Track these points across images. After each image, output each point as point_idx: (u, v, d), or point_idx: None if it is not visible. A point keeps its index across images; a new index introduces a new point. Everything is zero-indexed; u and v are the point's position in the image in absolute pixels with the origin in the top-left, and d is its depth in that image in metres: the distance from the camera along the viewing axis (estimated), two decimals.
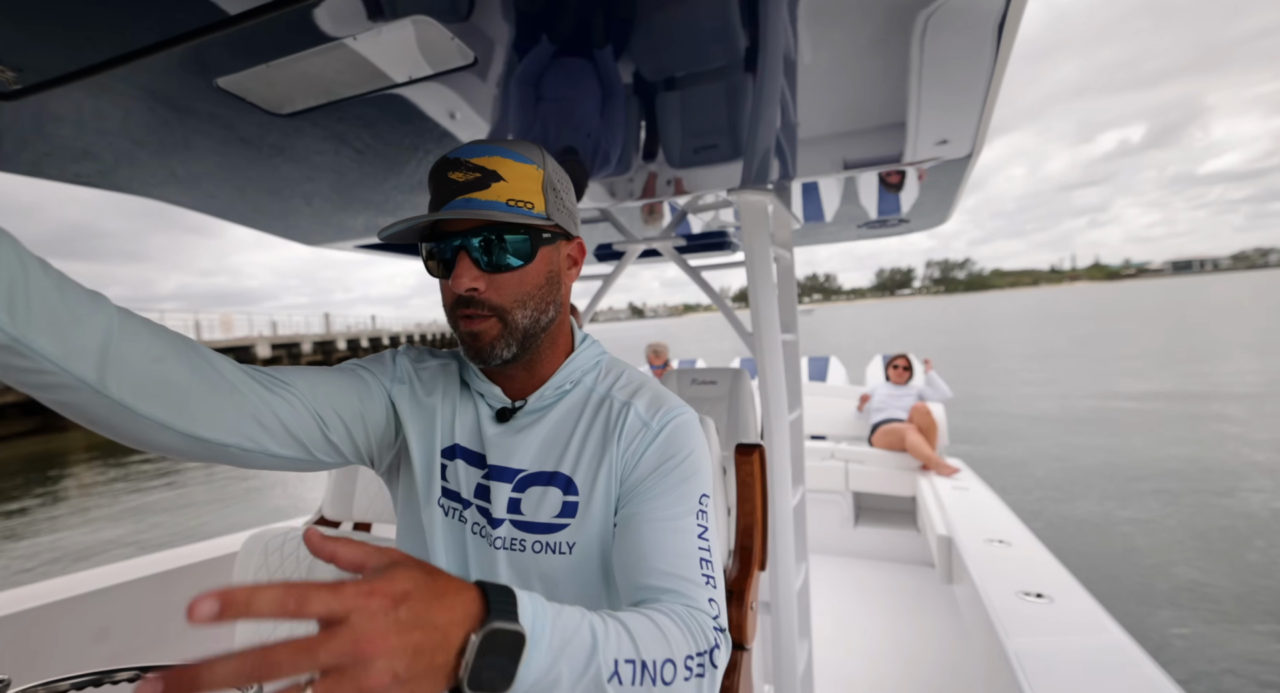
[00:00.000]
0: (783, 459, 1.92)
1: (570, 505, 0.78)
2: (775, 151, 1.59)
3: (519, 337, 0.77)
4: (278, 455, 0.70)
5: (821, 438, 5.35)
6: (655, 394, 0.85)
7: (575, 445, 0.81)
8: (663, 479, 0.77)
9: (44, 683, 0.95)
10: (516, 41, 1.04)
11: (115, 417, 0.56)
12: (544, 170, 0.79)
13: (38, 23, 0.91)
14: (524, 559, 0.78)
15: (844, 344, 35.26)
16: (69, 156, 1.38)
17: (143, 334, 0.57)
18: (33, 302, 0.48)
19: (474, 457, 0.83)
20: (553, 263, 0.81)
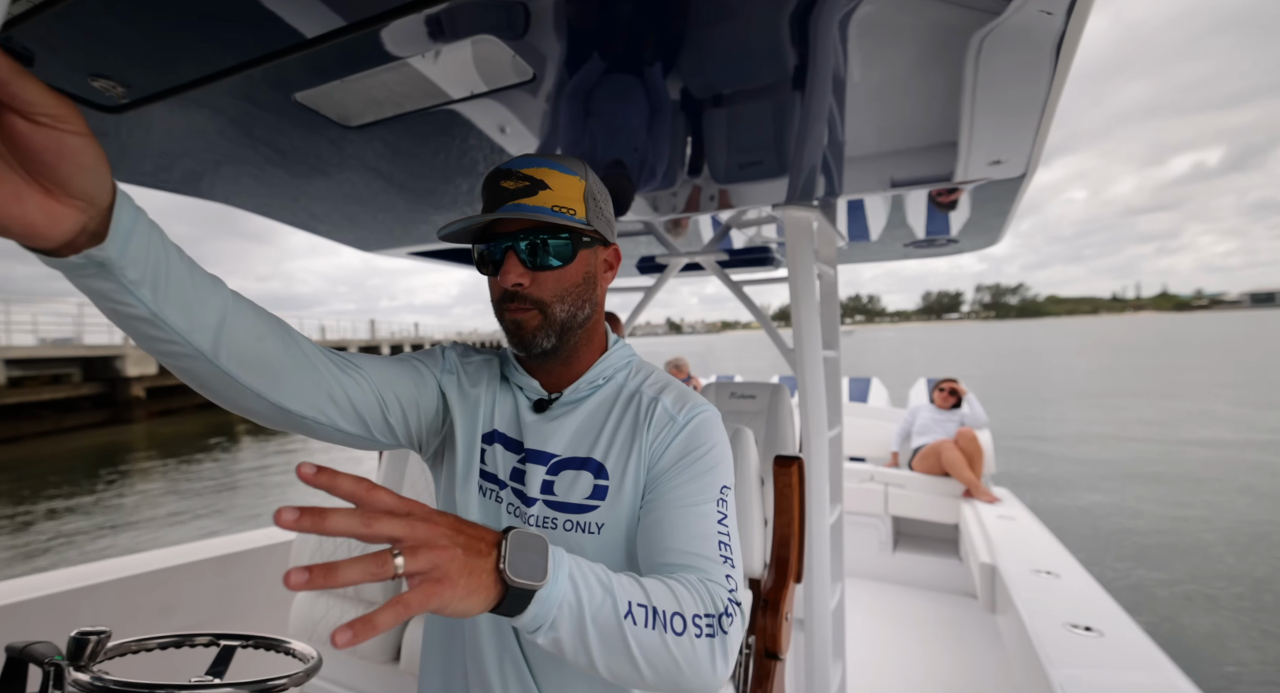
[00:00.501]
0: (821, 476, 1.91)
1: (601, 489, 0.85)
2: (821, 168, 1.60)
3: (557, 328, 0.85)
4: (344, 431, 0.79)
5: (860, 460, 5.25)
6: (681, 392, 0.92)
7: (607, 435, 0.88)
8: (686, 469, 0.83)
9: (137, 639, 1.04)
10: (568, 58, 1.08)
11: (222, 384, 0.65)
12: (586, 182, 0.87)
13: (145, 44, 1.00)
14: (554, 537, 0.84)
15: (886, 366, 34.30)
16: (161, 164, 1.50)
17: (249, 315, 0.66)
18: (170, 284, 0.57)
19: (511, 442, 0.90)
20: (590, 265, 0.89)
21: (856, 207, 2.06)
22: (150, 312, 0.56)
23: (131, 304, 0.55)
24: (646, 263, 2.59)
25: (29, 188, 0.47)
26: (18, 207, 0.46)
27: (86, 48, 1.02)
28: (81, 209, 0.50)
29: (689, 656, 0.66)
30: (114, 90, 1.14)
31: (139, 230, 0.54)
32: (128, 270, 0.53)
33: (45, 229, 0.48)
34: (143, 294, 0.55)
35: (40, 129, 0.44)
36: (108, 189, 0.51)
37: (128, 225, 0.53)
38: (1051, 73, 1.05)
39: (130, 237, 0.53)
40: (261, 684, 0.91)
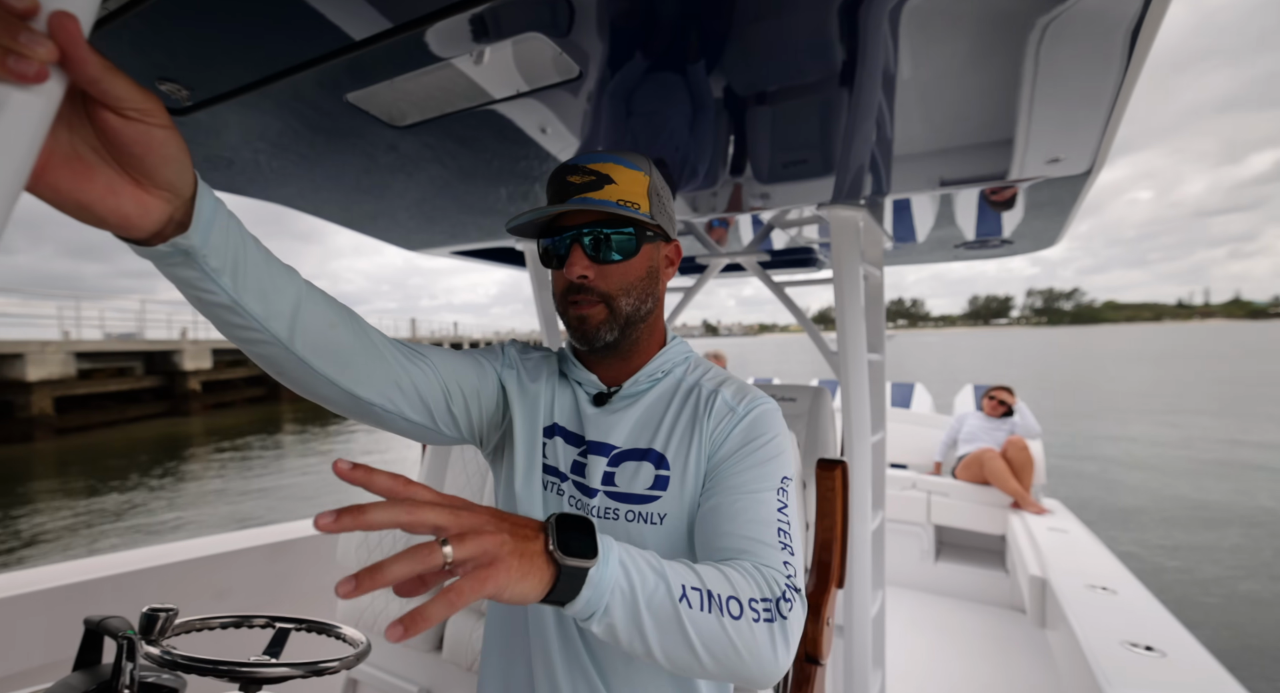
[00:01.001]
0: (863, 481, 1.87)
1: (662, 479, 0.85)
2: (869, 167, 1.56)
3: (621, 322, 0.87)
4: (409, 419, 0.81)
5: (903, 467, 5.13)
6: (741, 385, 0.93)
7: (667, 426, 0.89)
8: (745, 458, 0.83)
9: (201, 618, 1.09)
10: (612, 56, 1.08)
11: (298, 370, 0.68)
12: (650, 177, 0.89)
13: (208, 48, 1.04)
14: (616, 528, 0.85)
15: (930, 372, 33.36)
16: (220, 165, 1.56)
17: (321, 303, 0.69)
18: (249, 271, 0.60)
19: (572, 436, 0.92)
20: (653, 259, 0.91)
21: (903, 207, 2.01)
22: (231, 299, 0.59)
23: (214, 292, 0.58)
24: (686, 263, 2.58)
25: (122, 180, 0.49)
26: (113, 199, 0.49)
27: (155, 52, 1.06)
28: (168, 200, 0.52)
29: (748, 640, 0.64)
30: (179, 93, 1.19)
31: (219, 220, 0.57)
32: (210, 258, 0.56)
33: (138, 219, 0.51)
34: (224, 282, 0.58)
35: (130, 123, 0.46)
36: (190, 180, 0.53)
37: (208, 215, 0.55)
38: (1124, 63, 0.99)
39: (211, 226, 0.56)
40: (314, 666, 0.94)
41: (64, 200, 0.47)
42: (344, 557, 1.65)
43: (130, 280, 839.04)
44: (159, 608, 0.97)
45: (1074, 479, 9.88)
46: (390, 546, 1.60)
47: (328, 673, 0.96)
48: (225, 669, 0.87)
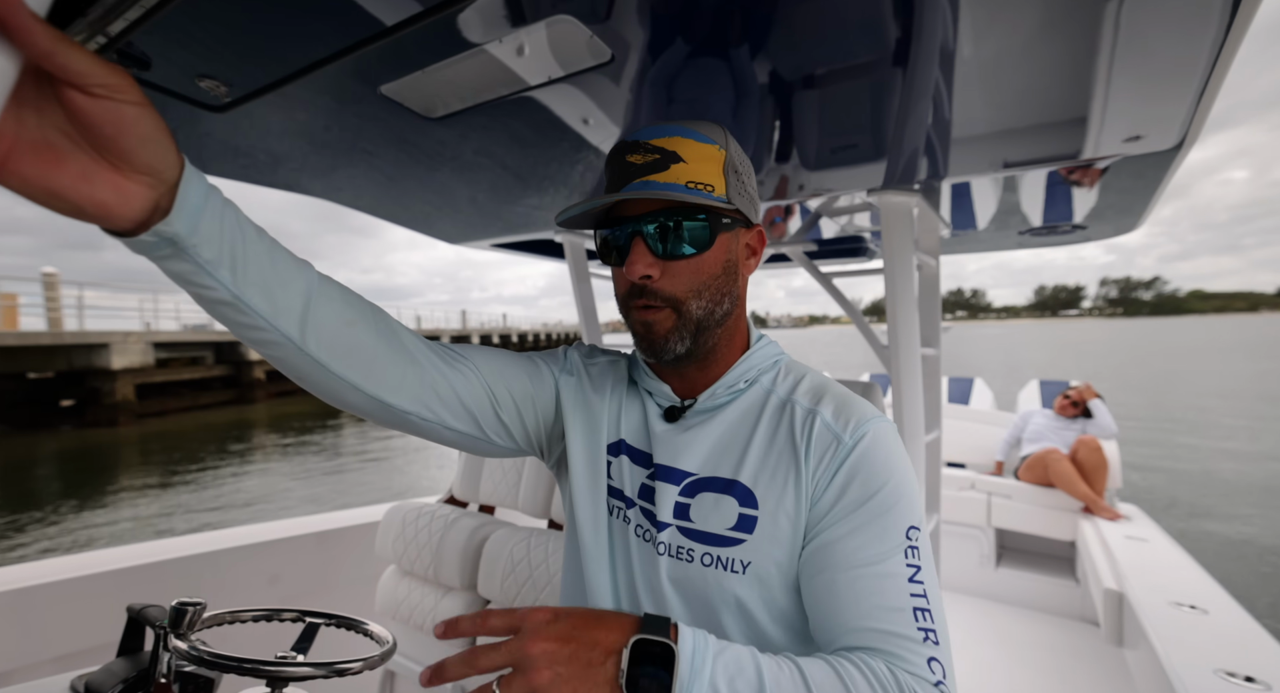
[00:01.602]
0: None
1: (748, 520, 0.71)
2: (924, 150, 1.47)
3: (693, 329, 0.74)
4: (453, 429, 0.73)
5: (960, 466, 4.91)
6: (842, 400, 0.76)
7: (756, 453, 0.74)
8: (859, 509, 0.67)
9: (231, 611, 1.10)
10: (651, 40, 1.03)
11: (315, 373, 0.62)
12: (726, 151, 0.75)
13: (242, 42, 1.04)
14: (689, 571, 0.72)
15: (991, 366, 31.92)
16: (264, 161, 1.58)
17: (337, 300, 0.63)
18: (249, 265, 0.55)
19: (639, 455, 0.80)
20: (731, 251, 0.76)
21: (962, 191, 1.88)
22: (232, 294, 0.55)
23: (213, 287, 0.54)
24: None
25: (97, 166, 0.46)
26: (87, 186, 0.46)
27: (192, 49, 1.07)
28: (150, 185, 0.49)
29: None
30: (218, 90, 1.20)
31: (210, 208, 0.53)
32: (202, 250, 0.52)
33: (117, 207, 0.47)
34: (222, 276, 0.54)
35: (97, 101, 0.43)
36: (173, 163, 0.50)
37: (196, 201, 0.51)
38: (1223, 28, 0.87)
39: (201, 213, 0.52)
40: (334, 666, 0.94)
41: (33, 189, 0.43)
42: (381, 548, 1.67)
43: None
44: (187, 602, 0.98)
45: (1155, 491, 8.77)
46: (427, 540, 1.61)
47: (348, 673, 0.95)
48: (249, 667, 0.87)
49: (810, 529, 0.69)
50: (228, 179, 1.66)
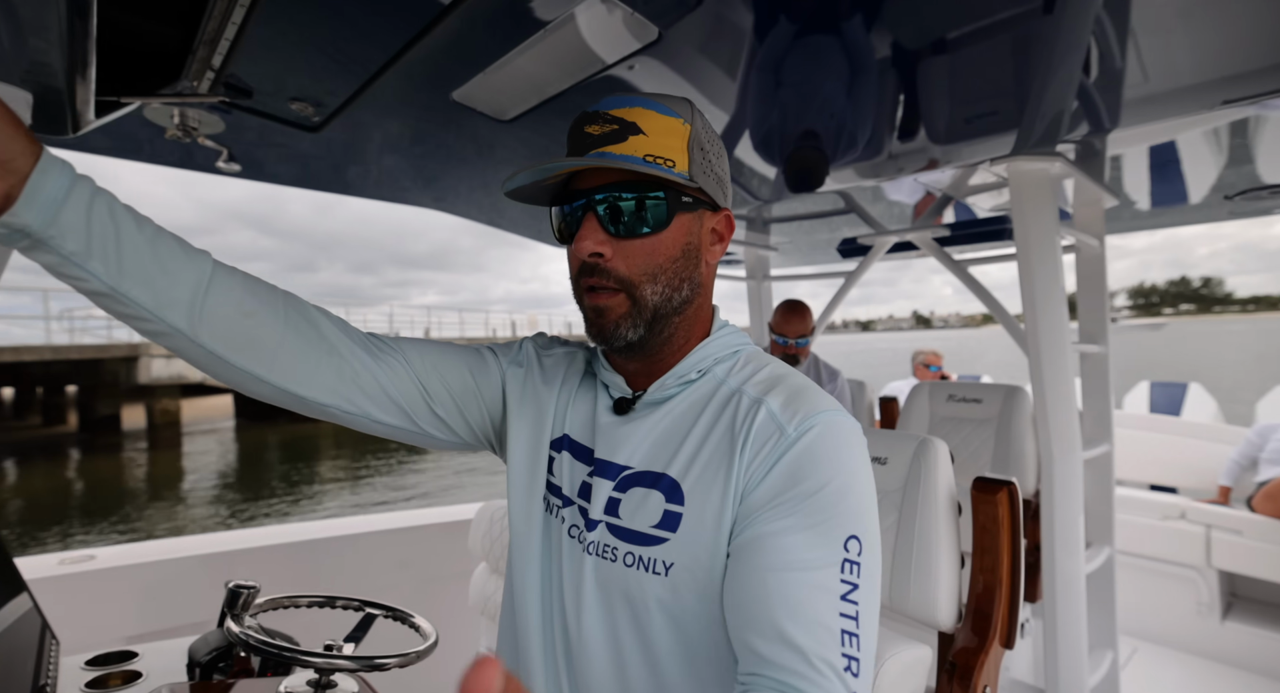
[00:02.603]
0: (1070, 506, 1.48)
1: (672, 516, 0.66)
2: (1084, 105, 1.24)
3: (647, 317, 0.68)
4: (381, 422, 0.72)
5: (1170, 490, 4.10)
6: (796, 390, 0.68)
7: (691, 445, 0.68)
8: (796, 507, 0.60)
9: (288, 596, 1.18)
10: (758, 23, 0.98)
11: (213, 364, 0.62)
12: (691, 126, 0.69)
13: (318, 60, 1.11)
14: (612, 572, 0.67)
15: (1216, 370, 26.67)
16: (363, 176, 1.70)
17: (236, 290, 0.62)
18: (125, 256, 0.55)
19: (581, 450, 0.75)
20: (692, 234, 0.71)
21: (1164, 156, 1.55)
22: (107, 286, 0.54)
23: (83, 278, 0.53)
24: (848, 245, 2.29)
25: None
26: None
27: (279, 74, 1.16)
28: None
29: None
30: (307, 110, 1.30)
31: (74, 199, 0.52)
32: (63, 241, 0.51)
33: None
34: (93, 267, 0.53)
35: None
36: (20, 151, 0.50)
37: (54, 193, 0.51)
38: None
39: (60, 205, 0.51)
40: (370, 661, 0.95)
41: None
42: (473, 545, 1.72)
43: (391, 289, 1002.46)
44: (242, 585, 1.06)
45: None
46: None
47: (385, 668, 0.96)
48: (289, 655, 0.91)
49: (740, 523, 0.63)
50: (335, 193, 1.82)
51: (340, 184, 1.75)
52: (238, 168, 1.55)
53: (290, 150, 1.48)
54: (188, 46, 1.06)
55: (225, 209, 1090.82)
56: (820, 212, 2.14)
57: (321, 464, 13.21)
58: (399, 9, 0.95)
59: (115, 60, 1.04)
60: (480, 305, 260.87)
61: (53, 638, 1.27)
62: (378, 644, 1.11)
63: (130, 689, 1.17)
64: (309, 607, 1.19)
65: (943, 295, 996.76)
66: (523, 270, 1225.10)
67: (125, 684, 1.19)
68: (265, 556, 1.98)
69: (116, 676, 1.21)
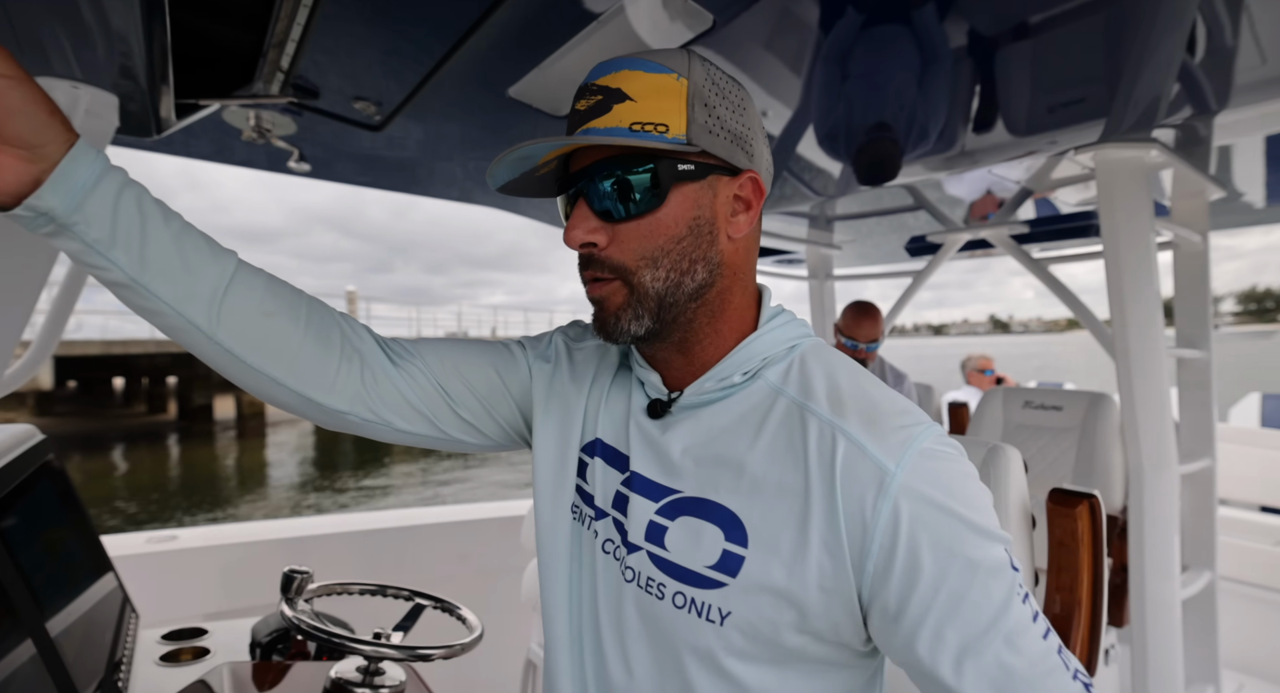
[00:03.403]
0: (1162, 526, 1.35)
1: (733, 559, 0.56)
2: (1186, 86, 1.14)
3: (651, 306, 0.60)
4: (403, 430, 0.68)
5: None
6: (871, 405, 0.58)
7: (752, 474, 0.58)
8: (948, 567, 0.51)
9: (341, 583, 1.21)
10: (822, 13, 0.94)
11: (230, 365, 0.60)
12: (688, 79, 0.59)
13: (377, 56, 1.13)
14: (659, 610, 0.59)
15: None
16: (428, 175, 1.74)
17: (258, 290, 0.60)
18: (149, 248, 0.54)
19: (615, 456, 0.68)
20: (699, 206, 0.60)
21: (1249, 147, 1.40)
22: (128, 276, 0.53)
23: (105, 267, 0.53)
24: (917, 243, 2.17)
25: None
26: None
27: (342, 74, 1.19)
28: (24, 158, 0.48)
29: None
30: (370, 110, 1.33)
31: (103, 188, 0.52)
32: (88, 228, 0.51)
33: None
34: (115, 256, 0.52)
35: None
36: (53, 138, 0.50)
37: (83, 179, 0.51)
38: None
39: (88, 192, 0.51)
40: (415, 650, 0.96)
41: None
42: (526, 540, 1.72)
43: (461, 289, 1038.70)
44: (295, 570, 1.09)
45: None
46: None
47: (430, 659, 0.97)
48: (336, 640, 0.93)
49: (874, 608, 0.54)
50: (399, 192, 1.87)
51: (404, 183, 1.79)
52: (307, 168, 1.61)
53: (355, 150, 1.53)
54: (259, 49, 1.11)
55: (311, 212, 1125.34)
56: (887, 208, 2.04)
57: (393, 456, 13.79)
58: (451, 6, 0.96)
59: (193, 65, 1.09)
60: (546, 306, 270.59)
61: (133, 612, 1.35)
62: (426, 634, 1.12)
63: (198, 664, 1.24)
64: (360, 594, 1.22)
65: (1023, 299, 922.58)
66: None
67: (195, 659, 1.25)
68: (330, 543, 2.06)
69: (188, 651, 1.28)
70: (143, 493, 10.73)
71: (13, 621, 0.83)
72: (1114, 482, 1.62)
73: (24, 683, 0.80)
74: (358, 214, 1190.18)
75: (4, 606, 0.82)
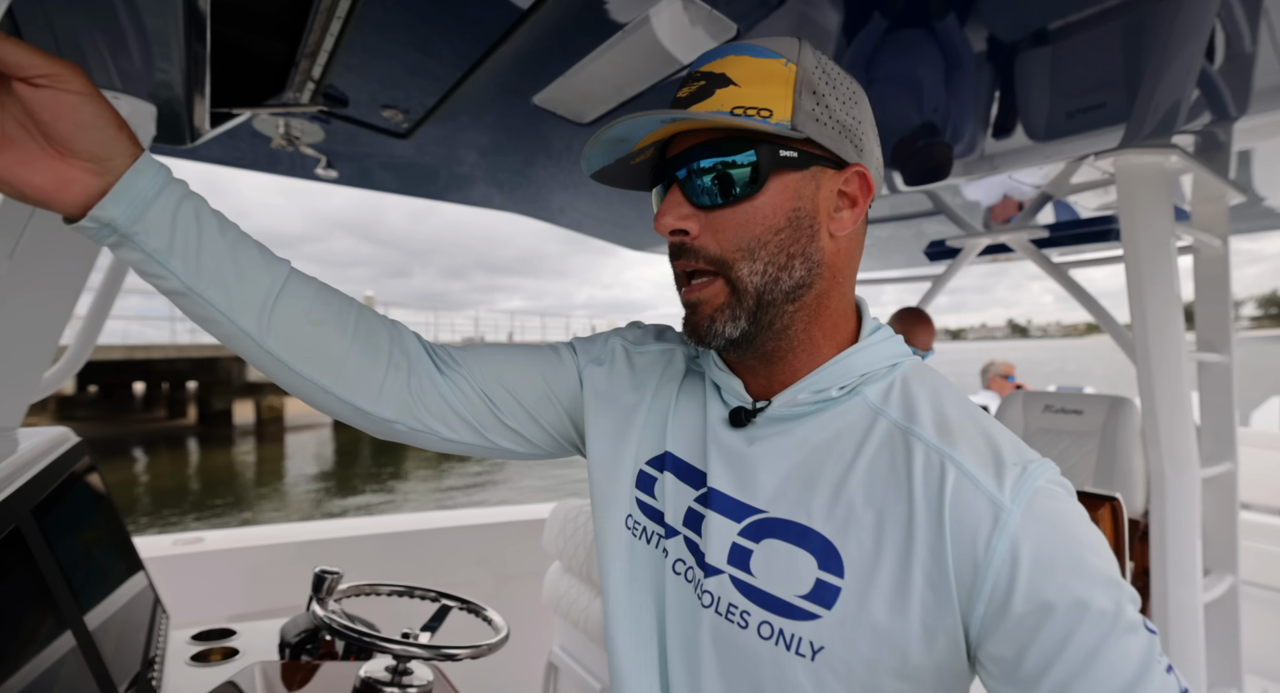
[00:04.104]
0: (1184, 529, 1.34)
1: (828, 589, 0.53)
2: (1206, 92, 1.14)
3: (750, 305, 0.56)
4: (449, 439, 0.67)
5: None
6: (984, 436, 0.54)
7: (848, 499, 0.54)
8: (1079, 621, 0.46)
9: (370, 584, 1.23)
10: (845, 22, 0.96)
11: (280, 372, 0.60)
12: (797, 65, 0.56)
13: (407, 68, 1.16)
14: (741, 640, 0.55)
15: None
16: (452, 181, 1.76)
17: (307, 299, 0.60)
18: (205, 257, 0.55)
19: (689, 472, 0.64)
20: (801, 197, 0.56)
21: None
22: (184, 285, 0.54)
23: (164, 276, 0.54)
24: (935, 248, 2.17)
25: (42, 153, 0.49)
26: (25, 170, 0.48)
27: (371, 83, 1.22)
28: (92, 171, 0.50)
29: None
30: (397, 117, 1.36)
31: (163, 199, 0.53)
32: (147, 238, 0.52)
33: (55, 191, 0.49)
34: (173, 265, 0.53)
35: (39, 91, 0.47)
36: (120, 151, 0.51)
37: (144, 191, 0.52)
38: None
39: (150, 203, 0.52)
40: (441, 650, 0.97)
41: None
42: (547, 544, 1.74)
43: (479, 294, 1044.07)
44: (326, 571, 1.11)
45: None
46: (583, 538, 1.63)
47: (456, 659, 0.98)
48: (367, 640, 0.94)
49: (981, 642, 0.49)
50: (426, 198, 1.90)
51: (429, 189, 1.82)
52: (335, 174, 1.64)
53: (382, 157, 1.56)
54: (291, 59, 1.14)
55: (330, 218, 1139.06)
56: (906, 213, 2.05)
57: (409, 463, 13.88)
58: (479, 17, 0.98)
59: (227, 74, 1.12)
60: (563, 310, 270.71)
61: (163, 612, 1.38)
62: (452, 636, 1.14)
63: (228, 665, 1.26)
64: (389, 595, 1.24)
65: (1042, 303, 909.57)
66: (605, 276, 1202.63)
67: (224, 659, 1.28)
68: (354, 545, 2.09)
69: (217, 651, 1.31)
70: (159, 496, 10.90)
71: (54, 615, 0.85)
72: (1135, 486, 1.61)
73: (64, 676, 0.82)
74: (376, 219, 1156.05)
75: (46, 600, 0.85)
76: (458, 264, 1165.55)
